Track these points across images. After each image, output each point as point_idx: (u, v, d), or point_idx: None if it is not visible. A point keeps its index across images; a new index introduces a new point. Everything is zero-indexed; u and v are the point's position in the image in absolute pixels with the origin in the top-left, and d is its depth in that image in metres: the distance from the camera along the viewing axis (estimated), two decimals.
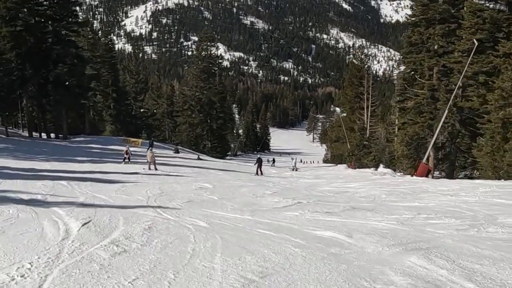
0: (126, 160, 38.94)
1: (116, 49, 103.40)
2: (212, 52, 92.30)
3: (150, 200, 17.63)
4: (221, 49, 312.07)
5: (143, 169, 33.67)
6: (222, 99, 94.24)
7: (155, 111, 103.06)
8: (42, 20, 61.43)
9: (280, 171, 56.74)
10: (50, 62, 60.26)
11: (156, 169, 33.96)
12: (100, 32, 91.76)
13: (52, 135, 65.58)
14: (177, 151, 66.69)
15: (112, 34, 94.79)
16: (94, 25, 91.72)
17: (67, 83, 60.86)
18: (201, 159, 59.42)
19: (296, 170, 59.04)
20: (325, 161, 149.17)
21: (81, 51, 67.51)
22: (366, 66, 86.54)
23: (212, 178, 31.60)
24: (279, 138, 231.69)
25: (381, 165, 55.77)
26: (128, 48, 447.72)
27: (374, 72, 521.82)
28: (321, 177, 40.96)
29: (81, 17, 69.35)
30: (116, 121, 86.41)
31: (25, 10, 58.78)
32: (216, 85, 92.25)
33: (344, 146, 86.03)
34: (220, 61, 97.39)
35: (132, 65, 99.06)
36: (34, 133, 63.51)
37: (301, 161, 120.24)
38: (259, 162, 44.55)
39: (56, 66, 59.52)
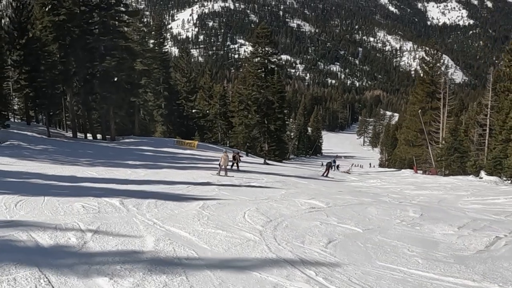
0: (234, 167, 36.49)
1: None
2: (269, 49, 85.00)
3: (267, 239, 11.17)
4: None
5: (211, 174, 29.47)
6: (281, 99, 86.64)
7: (207, 111, 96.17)
8: (87, 9, 54.70)
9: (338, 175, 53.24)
10: (97, 55, 54.03)
11: (227, 175, 29.69)
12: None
13: (99, 136, 58.89)
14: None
15: (163, 29, 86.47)
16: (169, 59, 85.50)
17: (115, 78, 54.30)
18: (268, 164, 52.52)
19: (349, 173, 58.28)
20: (380, 165, 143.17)
21: (131, 44, 60.51)
22: (438, 63, 78.39)
23: (306, 190, 25.32)
24: (329, 141, 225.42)
25: (483, 172, 47.96)
26: (175, 51, 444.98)
27: (421, 75, 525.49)
28: (424, 187, 33.49)
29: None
30: (167, 122, 79.90)
31: None
32: (274, 83, 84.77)
33: (414, 149, 78.03)
34: (278, 58, 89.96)
35: (183, 63, 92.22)
36: (78, 134, 57.08)
37: (360, 166, 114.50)
38: (329, 165, 48.87)
39: (103, 59, 53.07)
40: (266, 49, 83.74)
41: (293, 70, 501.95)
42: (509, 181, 41.01)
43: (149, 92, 73.99)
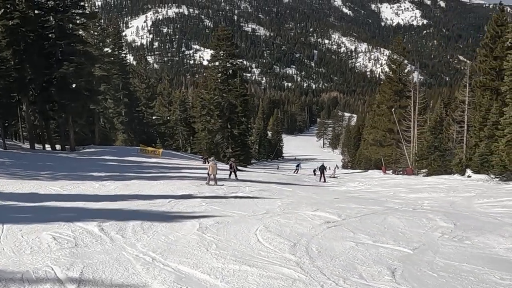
0: (232, 176, 35.35)
1: None
2: (231, 51, 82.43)
3: (314, 275, 8.85)
4: None
5: (200, 184, 27.20)
6: (244, 102, 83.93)
7: (168, 118, 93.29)
8: (43, 12, 51.64)
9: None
10: (54, 60, 50.71)
11: (217, 183, 27.96)
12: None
13: (58, 146, 55.36)
14: (205, 161, 57.68)
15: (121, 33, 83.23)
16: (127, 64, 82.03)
17: (73, 85, 50.97)
18: (238, 170, 50.26)
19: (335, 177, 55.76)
20: (344, 166, 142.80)
21: (89, 48, 57.47)
22: (405, 61, 76.97)
23: (301, 199, 22.53)
24: (289, 144, 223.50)
25: (469, 170, 46.16)
26: (130, 58, 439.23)
27: (377, 75, 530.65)
28: (418, 190, 31.33)
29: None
30: (128, 130, 76.68)
31: (23, 0, 49.21)
32: (236, 86, 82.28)
33: (384, 149, 76.36)
34: (240, 60, 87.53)
35: (142, 68, 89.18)
36: (36, 145, 53.59)
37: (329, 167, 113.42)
38: (322, 170, 47.55)
39: (60, 65, 49.64)
40: (227, 51, 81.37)
41: (249, 74, 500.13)
42: (498, 179, 39.33)
43: (109, 99, 70.49)
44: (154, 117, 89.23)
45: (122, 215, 13.89)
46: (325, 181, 44.77)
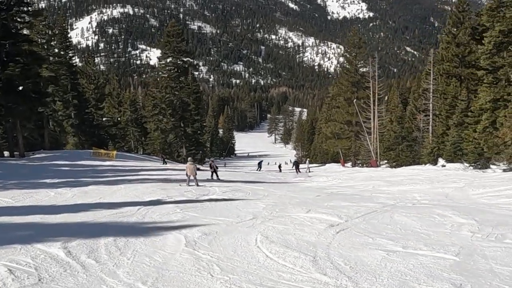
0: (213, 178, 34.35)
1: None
2: (182, 47, 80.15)
3: None
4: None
5: (180, 185, 26.53)
6: (197, 100, 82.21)
7: (118, 119, 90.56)
8: None
9: (288, 175, 47.77)
10: None
11: (198, 184, 26.65)
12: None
13: (6, 153, 52.21)
14: (164, 162, 55.63)
15: (68, 29, 79.64)
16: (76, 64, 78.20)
17: (20, 87, 48.27)
18: (199, 169, 48.40)
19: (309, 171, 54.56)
20: (297, 161, 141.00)
21: (35, 48, 54.72)
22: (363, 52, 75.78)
23: (282, 199, 20.29)
24: (240, 141, 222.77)
25: (441, 159, 45.03)
26: (76, 60, 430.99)
27: (325, 69, 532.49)
28: (398, 182, 29.58)
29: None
30: (79, 132, 73.38)
31: None
32: (189, 83, 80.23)
33: (342, 142, 75.11)
34: (191, 56, 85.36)
35: (90, 68, 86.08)
36: None
37: (286, 163, 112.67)
38: (297, 164, 52.85)
39: (5, 66, 46.72)
40: (178, 48, 79.19)
41: (196, 73, 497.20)
42: (472, 167, 38.20)
43: (57, 101, 67.23)
44: (104, 119, 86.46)
45: (89, 230, 11.71)
46: (299, 171, 48.34)
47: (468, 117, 42.16)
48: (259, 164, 70.86)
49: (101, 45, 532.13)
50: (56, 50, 70.04)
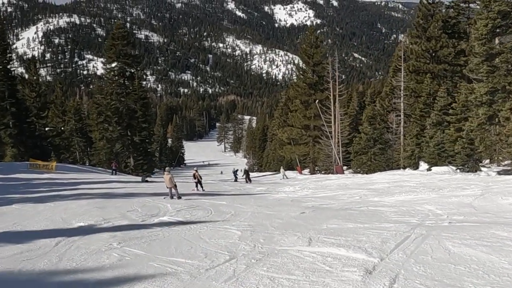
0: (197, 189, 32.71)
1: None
2: (128, 50, 75.56)
3: None
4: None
5: (164, 198, 24.37)
6: (144, 106, 77.10)
7: (62, 128, 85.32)
8: None
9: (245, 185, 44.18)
10: None
11: (179, 197, 24.70)
12: None
13: None
14: (114, 172, 50.51)
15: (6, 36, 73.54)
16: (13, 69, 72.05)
17: None
18: (147, 181, 44.06)
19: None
20: (250, 170, 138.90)
21: None
22: (323, 49, 72.21)
23: (257, 220, 15.27)
24: (189, 150, 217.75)
25: (423, 163, 41.12)
26: (22, 71, 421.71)
27: (273, 76, 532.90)
28: (386, 191, 25.01)
29: None
30: (18, 143, 67.61)
31: None
32: (135, 89, 75.60)
33: (300, 148, 71.34)
34: (138, 60, 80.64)
35: (31, 75, 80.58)
36: None
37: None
38: (247, 173, 51.94)
39: None
40: (123, 51, 74.67)
41: (144, 82, 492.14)
42: (459, 170, 34.51)
43: None
44: (47, 129, 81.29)
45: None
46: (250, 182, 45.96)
47: (449, 115, 38.67)
48: (235, 174, 65.59)
49: (48, 55, 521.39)
50: None
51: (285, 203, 21.56)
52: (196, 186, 33.05)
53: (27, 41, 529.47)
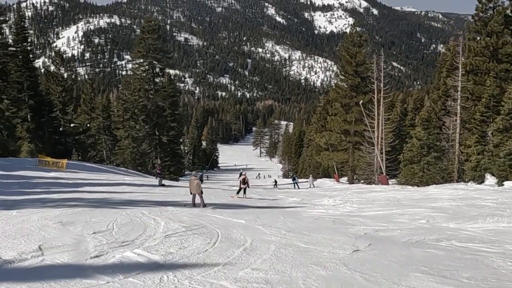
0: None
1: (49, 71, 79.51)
2: (158, 45, 70.93)
3: None
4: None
5: (185, 205, 21.91)
6: (174, 104, 72.63)
7: (88, 125, 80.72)
8: None
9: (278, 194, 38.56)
10: None
11: (204, 205, 22.00)
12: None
13: None
14: (159, 179, 42.86)
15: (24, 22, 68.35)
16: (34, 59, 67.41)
17: None
18: (164, 185, 38.82)
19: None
20: (285, 176, 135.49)
21: None
22: (365, 50, 66.65)
23: (273, 258, 9.76)
24: (224, 154, 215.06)
25: (488, 176, 35.12)
26: (61, 70, 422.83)
27: (311, 83, 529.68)
28: (456, 213, 19.27)
29: None
30: (36, 138, 62.77)
31: None
32: (165, 86, 71.06)
33: (338, 154, 65.83)
34: (168, 56, 76.04)
35: (58, 67, 76.07)
36: None
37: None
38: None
39: None
40: (153, 45, 70.15)
41: (182, 84, 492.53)
42: None
43: (5, 100, 55.81)
44: (72, 125, 76.82)
45: None
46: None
47: None
48: (294, 181, 59.68)
49: (87, 54, 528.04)
50: (11, 41, 60.41)
51: (326, 226, 16.03)
52: (239, 191, 31.57)
53: (67, 40, 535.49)
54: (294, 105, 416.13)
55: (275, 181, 70.35)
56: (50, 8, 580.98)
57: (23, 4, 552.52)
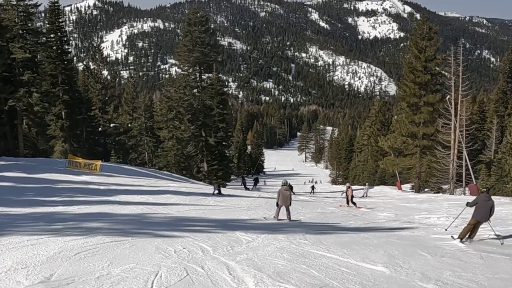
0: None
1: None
2: (206, 38, 65.18)
3: None
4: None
5: (264, 217, 19.68)
6: (222, 103, 66.30)
7: (129, 125, 75.12)
8: None
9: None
10: None
11: (290, 218, 19.42)
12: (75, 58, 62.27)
13: None
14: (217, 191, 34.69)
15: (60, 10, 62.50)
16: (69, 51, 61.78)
17: None
18: (222, 194, 31.83)
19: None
20: (334, 182, 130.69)
21: None
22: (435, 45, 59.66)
23: None
24: (269, 159, 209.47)
25: None
26: (105, 73, 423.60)
27: (355, 88, 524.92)
28: None
29: None
30: (70, 138, 56.85)
31: None
32: (213, 83, 65.19)
33: (405, 160, 59.11)
34: (216, 50, 70.19)
35: (96, 64, 70.52)
36: None
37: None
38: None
39: None
40: (201, 39, 64.43)
41: (226, 89, 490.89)
42: None
43: (34, 93, 49.11)
44: (112, 125, 71.50)
45: None
46: (352, 204, 32.19)
47: None
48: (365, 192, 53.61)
49: (131, 58, 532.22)
50: (45, 31, 55.01)
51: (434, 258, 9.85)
52: (348, 202, 31.97)
53: (111, 43, 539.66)
54: (338, 111, 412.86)
55: (313, 187, 69.47)
56: (95, 12, 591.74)
57: (67, 8, 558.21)
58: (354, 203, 31.70)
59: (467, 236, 15.16)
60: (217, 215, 18.32)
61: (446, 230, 17.11)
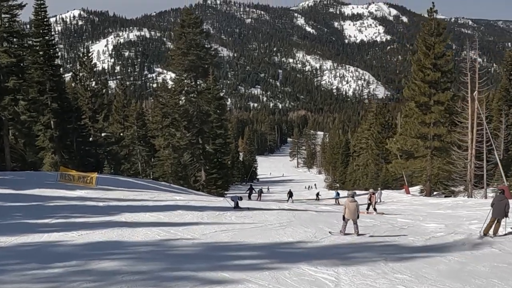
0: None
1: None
2: (201, 40, 62.16)
3: None
4: None
5: (330, 233, 18.43)
6: (220, 108, 63.54)
7: (121, 135, 71.69)
8: None
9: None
10: None
11: (358, 233, 18.29)
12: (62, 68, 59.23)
13: None
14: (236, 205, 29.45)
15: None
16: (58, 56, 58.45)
17: None
18: (240, 208, 27.21)
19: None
20: (330, 187, 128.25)
21: None
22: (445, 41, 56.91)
23: None
24: (261, 165, 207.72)
25: None
26: (92, 83, 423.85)
27: (343, 92, 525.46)
28: None
29: None
30: (60, 149, 53.16)
31: None
32: (209, 87, 62.15)
33: (415, 162, 56.15)
34: (212, 53, 67.21)
35: (86, 71, 66.92)
36: None
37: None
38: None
39: None
40: (195, 41, 61.36)
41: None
42: None
43: (20, 101, 44.92)
44: (103, 134, 68.04)
45: None
46: (373, 210, 31.85)
47: None
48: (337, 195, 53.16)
49: (117, 68, 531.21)
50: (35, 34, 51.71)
51: None
52: (368, 208, 31.65)
53: (97, 53, 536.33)
54: (327, 115, 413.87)
55: (318, 194, 68.39)
56: (80, 23, 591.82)
57: (52, 19, 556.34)
58: (375, 209, 31.74)
59: (490, 232, 18.00)
60: (252, 237, 14.82)
61: None
